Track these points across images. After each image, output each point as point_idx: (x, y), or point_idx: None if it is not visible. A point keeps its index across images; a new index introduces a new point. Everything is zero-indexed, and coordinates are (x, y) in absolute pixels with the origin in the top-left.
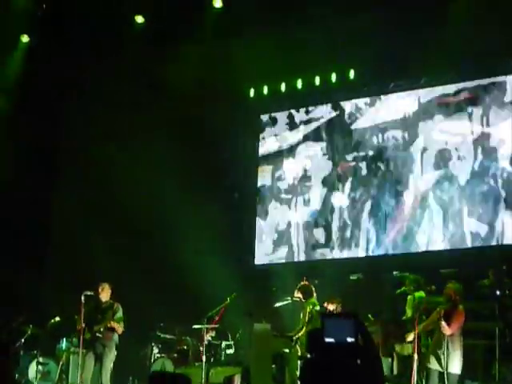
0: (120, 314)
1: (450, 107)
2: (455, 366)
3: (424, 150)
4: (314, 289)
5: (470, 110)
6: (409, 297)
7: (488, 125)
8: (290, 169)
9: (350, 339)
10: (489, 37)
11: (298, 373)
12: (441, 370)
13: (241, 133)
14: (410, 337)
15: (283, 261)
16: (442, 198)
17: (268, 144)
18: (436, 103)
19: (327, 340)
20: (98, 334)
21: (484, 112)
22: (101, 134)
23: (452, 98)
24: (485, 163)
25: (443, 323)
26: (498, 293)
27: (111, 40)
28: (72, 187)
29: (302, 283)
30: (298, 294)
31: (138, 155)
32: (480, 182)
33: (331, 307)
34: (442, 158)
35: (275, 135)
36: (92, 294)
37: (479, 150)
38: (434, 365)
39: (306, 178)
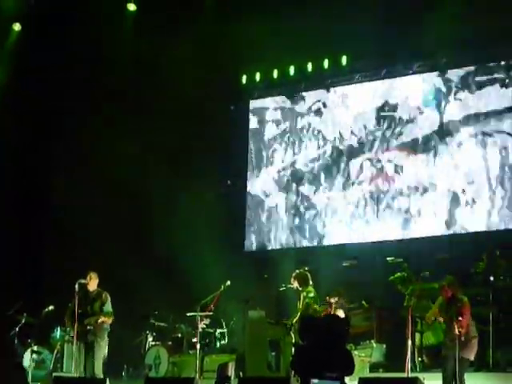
0: (108, 306)
1: None
2: (469, 352)
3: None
4: (309, 276)
5: None
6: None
7: None
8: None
9: None
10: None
11: None
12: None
13: (232, 119)
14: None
15: (275, 247)
16: None
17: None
18: None
19: None
20: (88, 327)
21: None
22: (98, 119)
23: None
24: None
25: (457, 330)
26: (491, 278)
27: (104, 25)
28: (69, 174)
29: (298, 271)
30: (294, 283)
31: (133, 139)
32: None
33: (333, 300)
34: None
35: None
36: (85, 282)
37: None
38: (450, 351)
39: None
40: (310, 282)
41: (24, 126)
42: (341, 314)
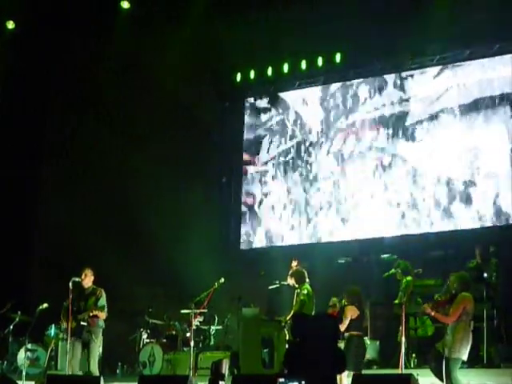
0: (103, 301)
1: None
2: (455, 351)
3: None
4: (306, 274)
5: None
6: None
7: None
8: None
9: None
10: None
11: None
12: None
13: (227, 117)
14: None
15: (269, 244)
16: None
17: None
18: None
19: None
20: (82, 323)
21: None
22: (88, 119)
23: None
24: None
25: (434, 314)
26: (485, 275)
27: (98, 24)
28: (58, 175)
29: (295, 268)
30: (290, 280)
31: (124, 138)
32: None
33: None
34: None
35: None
36: (80, 279)
37: None
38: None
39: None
40: (307, 280)
41: (24, 126)
42: (353, 312)
